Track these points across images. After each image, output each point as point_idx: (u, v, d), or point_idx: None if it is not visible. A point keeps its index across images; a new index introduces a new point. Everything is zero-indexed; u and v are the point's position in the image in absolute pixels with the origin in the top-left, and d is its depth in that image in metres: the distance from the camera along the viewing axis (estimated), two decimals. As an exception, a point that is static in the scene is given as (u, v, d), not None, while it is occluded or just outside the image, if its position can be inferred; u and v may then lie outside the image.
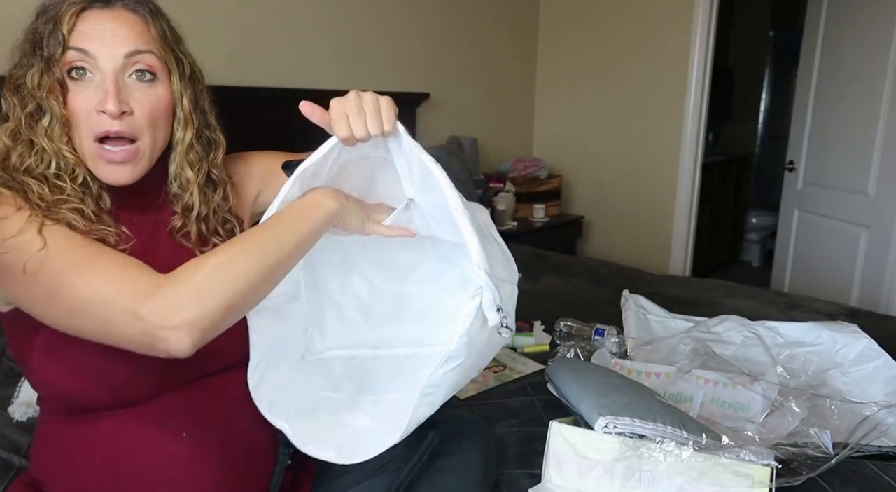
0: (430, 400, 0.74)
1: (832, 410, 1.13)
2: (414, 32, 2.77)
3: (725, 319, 1.46)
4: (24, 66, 0.76)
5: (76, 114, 0.76)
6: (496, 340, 0.79)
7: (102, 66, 0.75)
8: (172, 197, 0.86)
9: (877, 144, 2.41)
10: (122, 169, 0.78)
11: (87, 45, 0.75)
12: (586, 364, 1.30)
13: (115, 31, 0.76)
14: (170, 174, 0.86)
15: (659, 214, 3.20)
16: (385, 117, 0.75)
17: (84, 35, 0.75)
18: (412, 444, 0.82)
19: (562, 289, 2.08)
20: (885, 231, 2.38)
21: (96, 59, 0.75)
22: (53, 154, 0.75)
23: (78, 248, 0.70)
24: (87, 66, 0.75)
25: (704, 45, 2.95)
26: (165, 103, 0.81)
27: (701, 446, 0.91)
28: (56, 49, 0.74)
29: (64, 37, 0.74)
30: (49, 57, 0.74)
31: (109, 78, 0.75)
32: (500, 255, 0.81)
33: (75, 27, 0.74)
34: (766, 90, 4.82)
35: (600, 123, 3.32)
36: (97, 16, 0.76)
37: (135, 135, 0.78)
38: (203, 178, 0.87)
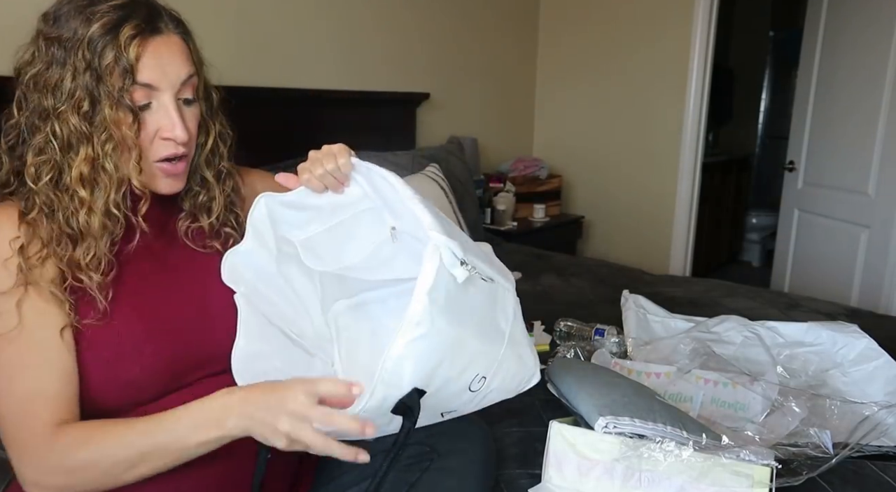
0: (390, 378, 0.64)
1: (832, 410, 1.13)
2: (414, 32, 2.77)
3: (725, 319, 1.46)
4: (77, 87, 0.74)
5: (143, 140, 0.79)
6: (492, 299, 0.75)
7: (164, 99, 0.78)
8: (184, 195, 0.89)
9: (877, 144, 2.41)
10: (178, 180, 0.84)
11: (152, 80, 0.77)
12: (586, 364, 1.29)
13: (171, 61, 0.78)
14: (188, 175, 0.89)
15: (659, 214, 3.20)
16: (337, 153, 0.82)
17: (148, 68, 0.76)
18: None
19: (562, 289, 2.08)
20: (885, 231, 2.38)
21: (159, 90, 0.78)
22: (120, 180, 0.78)
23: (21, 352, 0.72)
24: (149, 97, 0.78)
25: (704, 45, 2.95)
26: (199, 116, 0.86)
27: (701, 446, 0.91)
28: (126, 80, 0.74)
29: (131, 67, 0.74)
30: (121, 89, 0.75)
31: (171, 106, 0.79)
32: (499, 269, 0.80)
33: (140, 57, 0.75)
34: (766, 90, 4.82)
35: (600, 123, 3.32)
36: (156, 46, 0.77)
37: (190, 151, 0.84)
38: (216, 175, 0.91)
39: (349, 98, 2.45)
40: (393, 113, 2.66)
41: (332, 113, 2.37)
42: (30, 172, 0.75)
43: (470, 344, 0.71)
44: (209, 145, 0.89)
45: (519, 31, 3.36)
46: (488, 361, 0.75)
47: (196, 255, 0.88)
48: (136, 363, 0.76)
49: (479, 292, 0.73)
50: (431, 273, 0.65)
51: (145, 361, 0.77)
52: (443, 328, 0.66)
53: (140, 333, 0.78)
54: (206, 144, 0.88)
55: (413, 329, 0.64)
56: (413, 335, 0.64)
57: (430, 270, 0.65)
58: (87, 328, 0.76)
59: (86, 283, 0.75)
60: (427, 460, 0.86)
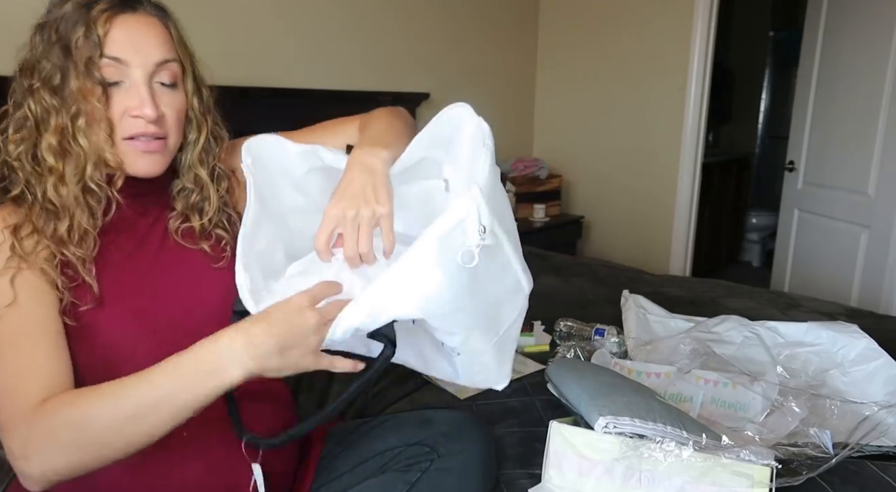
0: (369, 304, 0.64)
1: (832, 410, 1.13)
2: (414, 32, 2.77)
3: (725, 319, 1.46)
4: (53, 68, 0.76)
5: (113, 116, 0.78)
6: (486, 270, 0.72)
7: (134, 75, 0.78)
8: (176, 194, 0.89)
9: (877, 144, 2.41)
10: (154, 158, 0.82)
11: (121, 54, 0.77)
12: (586, 364, 1.29)
13: (145, 40, 0.79)
14: (180, 171, 0.89)
15: (659, 214, 3.20)
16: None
17: (117, 43, 0.77)
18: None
19: (562, 289, 2.08)
20: (885, 231, 2.38)
21: (129, 66, 0.78)
22: (95, 155, 0.77)
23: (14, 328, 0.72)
24: (121, 76, 0.78)
25: (704, 45, 2.95)
26: (184, 104, 0.85)
27: (701, 446, 0.91)
28: (94, 53, 0.75)
29: (100, 41, 0.75)
30: (87, 60, 0.75)
31: (143, 86, 0.78)
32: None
33: (109, 33, 0.76)
34: (766, 90, 4.82)
35: (600, 124, 3.32)
36: (129, 22, 0.78)
37: (165, 134, 0.82)
38: (210, 173, 0.90)
39: (349, 98, 2.45)
40: (393, 113, 2.66)
41: (332, 113, 2.36)
42: (9, 150, 0.77)
43: (463, 315, 0.71)
44: (201, 142, 0.88)
45: (519, 31, 3.36)
46: (473, 341, 0.74)
47: (187, 254, 0.88)
48: (133, 366, 0.76)
49: (496, 277, 0.73)
50: (452, 223, 0.64)
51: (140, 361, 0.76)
52: (441, 281, 0.65)
53: (133, 334, 0.79)
54: (199, 141, 0.88)
55: (412, 265, 0.63)
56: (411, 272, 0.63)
57: (453, 219, 0.64)
58: (81, 327, 0.76)
59: (69, 258, 0.76)
60: (427, 460, 0.86)
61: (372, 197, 0.75)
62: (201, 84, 0.88)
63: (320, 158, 0.88)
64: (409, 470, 0.86)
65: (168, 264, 0.86)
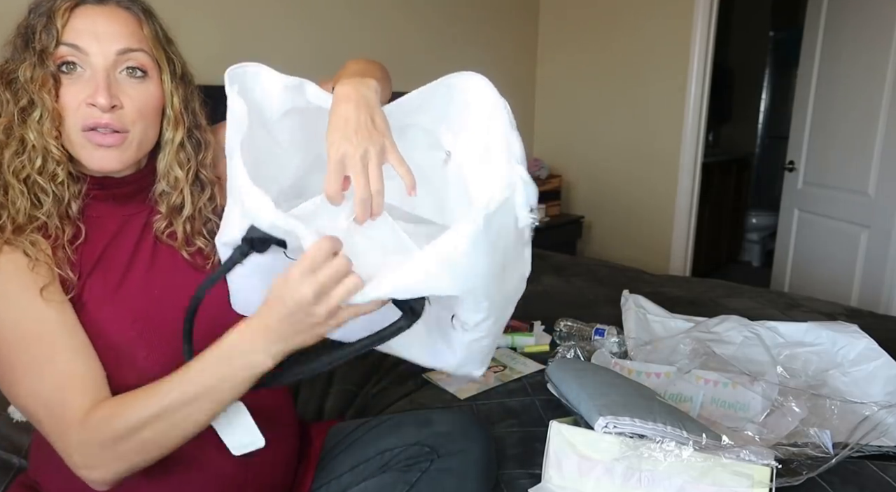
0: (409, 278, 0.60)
1: (832, 410, 1.13)
2: (413, 32, 2.77)
3: (725, 319, 1.46)
4: (16, 61, 0.76)
5: (66, 107, 0.76)
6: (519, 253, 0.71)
7: (94, 62, 0.76)
8: (158, 197, 0.86)
9: (877, 144, 2.41)
10: (110, 153, 0.78)
11: (79, 41, 0.75)
12: (586, 364, 1.30)
13: (107, 28, 0.77)
14: (158, 173, 0.86)
15: (659, 214, 3.20)
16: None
17: (77, 31, 0.75)
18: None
19: (562, 289, 2.08)
20: (885, 231, 2.39)
21: (88, 54, 0.76)
22: (41, 150, 0.75)
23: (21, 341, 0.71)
24: (78, 61, 0.76)
25: (704, 45, 2.95)
26: (155, 100, 0.81)
27: (701, 446, 0.91)
28: (49, 43, 0.74)
29: (57, 31, 0.75)
30: (42, 50, 0.74)
31: (101, 73, 0.76)
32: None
33: (69, 23, 0.75)
34: (766, 90, 4.82)
35: (600, 123, 3.32)
36: (90, 12, 0.77)
37: (124, 127, 0.78)
38: (192, 177, 0.87)
39: (349, 98, 2.45)
40: (393, 113, 2.66)
41: (332, 113, 2.37)
42: None
43: (495, 293, 0.69)
44: (177, 141, 0.84)
45: (519, 31, 3.36)
46: (489, 322, 0.71)
47: (177, 256, 0.86)
48: (133, 370, 0.76)
49: (518, 264, 0.72)
50: (499, 200, 0.61)
51: (140, 365, 0.76)
52: (486, 260, 0.63)
53: (133, 336, 0.78)
54: (174, 140, 0.84)
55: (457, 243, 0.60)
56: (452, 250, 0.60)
57: (499, 197, 0.61)
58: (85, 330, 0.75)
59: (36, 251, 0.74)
60: (427, 460, 0.86)
61: (375, 131, 0.70)
62: (184, 83, 0.85)
63: (304, 95, 0.80)
64: (409, 470, 0.86)
65: (163, 266, 0.85)
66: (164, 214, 0.86)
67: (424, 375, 1.40)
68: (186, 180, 0.86)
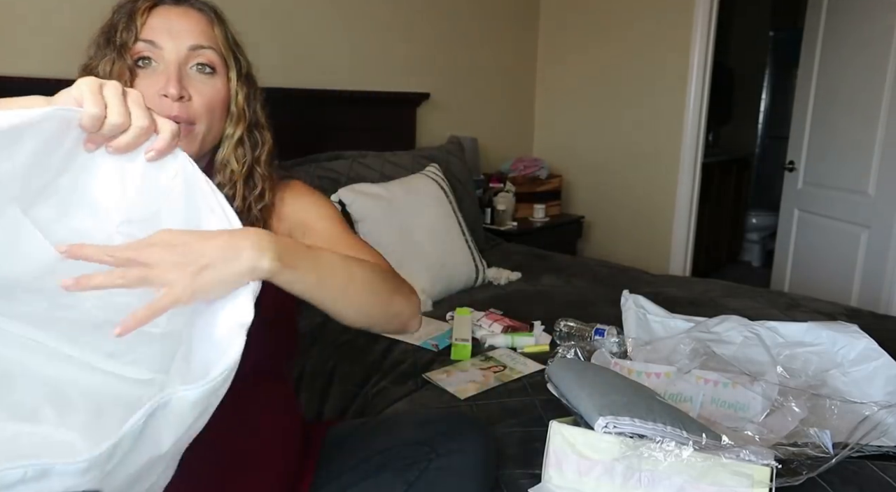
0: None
1: (832, 410, 1.13)
2: (414, 32, 2.77)
3: (725, 319, 1.46)
4: (98, 57, 0.82)
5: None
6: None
7: (167, 56, 0.82)
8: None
9: (877, 144, 2.41)
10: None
11: (155, 37, 0.81)
12: (586, 364, 1.29)
13: (181, 26, 0.83)
14: (215, 166, 0.89)
15: (659, 214, 3.20)
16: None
17: (153, 28, 0.82)
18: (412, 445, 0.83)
19: (562, 289, 2.08)
20: (885, 231, 2.39)
21: (162, 49, 0.81)
22: None
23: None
24: (153, 56, 0.82)
25: (704, 46, 2.95)
26: (222, 97, 0.86)
27: (701, 446, 0.91)
28: (128, 39, 0.81)
29: (136, 29, 0.81)
30: (121, 46, 0.81)
31: (172, 66, 0.81)
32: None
33: (147, 21, 0.82)
34: (766, 90, 4.82)
35: (600, 123, 3.32)
36: (167, 11, 0.84)
37: (192, 119, 0.83)
38: (245, 173, 0.90)
39: (349, 98, 2.45)
40: (393, 113, 2.66)
41: (332, 113, 2.37)
42: None
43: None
44: (236, 136, 0.88)
45: (519, 31, 3.36)
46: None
47: None
48: None
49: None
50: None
51: None
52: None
53: None
54: (234, 135, 0.88)
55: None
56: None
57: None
58: None
59: None
60: (426, 459, 0.86)
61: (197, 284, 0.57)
62: (248, 82, 0.90)
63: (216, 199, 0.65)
64: (408, 469, 0.86)
65: None
66: None
67: (424, 375, 1.41)
68: (240, 175, 0.89)
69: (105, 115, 0.59)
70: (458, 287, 2.05)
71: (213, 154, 0.90)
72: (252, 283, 0.60)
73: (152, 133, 0.63)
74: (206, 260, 0.58)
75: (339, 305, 0.73)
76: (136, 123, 0.61)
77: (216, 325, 0.58)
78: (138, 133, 0.61)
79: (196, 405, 0.52)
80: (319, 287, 0.68)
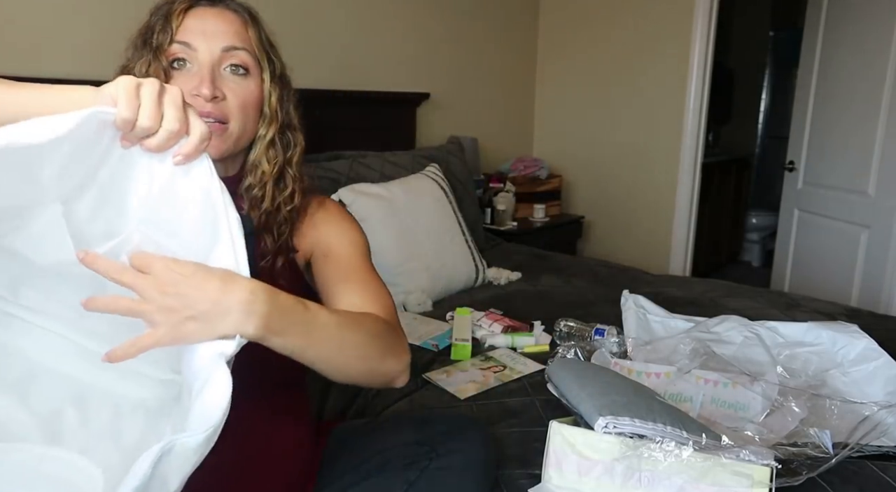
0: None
1: (832, 410, 1.13)
2: (414, 32, 2.77)
3: (725, 319, 1.46)
4: (135, 58, 0.83)
5: None
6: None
7: (201, 58, 0.82)
8: (244, 191, 0.89)
9: (877, 144, 2.41)
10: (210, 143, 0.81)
11: (190, 39, 0.82)
12: (586, 364, 1.29)
13: (216, 27, 0.83)
14: (247, 167, 0.89)
15: (659, 214, 3.20)
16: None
17: (188, 30, 0.82)
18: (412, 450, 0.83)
19: (562, 289, 2.08)
20: (885, 231, 2.38)
21: (197, 51, 0.82)
22: None
23: None
24: (187, 58, 0.82)
25: (704, 46, 2.95)
26: (255, 97, 0.86)
27: (701, 446, 0.91)
28: (164, 41, 0.82)
29: (172, 30, 0.82)
30: (157, 47, 0.81)
31: (206, 67, 0.82)
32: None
33: (182, 23, 0.83)
34: (766, 90, 4.82)
35: (600, 123, 3.32)
36: (202, 13, 0.84)
37: (225, 117, 0.83)
38: (276, 174, 0.90)
39: (349, 98, 2.45)
40: (393, 113, 2.66)
41: (332, 113, 2.37)
42: None
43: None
44: (269, 137, 0.88)
45: (519, 31, 3.36)
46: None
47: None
48: None
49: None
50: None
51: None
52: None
53: None
54: (267, 136, 0.88)
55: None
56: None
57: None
58: None
59: None
60: (426, 459, 0.86)
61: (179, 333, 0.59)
62: (282, 83, 0.90)
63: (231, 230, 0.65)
64: (408, 469, 0.86)
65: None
66: (246, 209, 0.88)
67: (424, 375, 1.41)
68: (271, 176, 0.89)
69: (136, 117, 0.59)
70: (458, 287, 2.05)
71: (246, 154, 0.90)
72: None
73: (182, 136, 0.62)
74: (193, 312, 0.58)
75: (323, 368, 0.72)
76: (166, 127, 0.60)
77: (196, 352, 0.60)
78: (167, 137, 0.61)
79: (198, 449, 0.55)
80: (306, 351, 0.68)
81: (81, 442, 0.68)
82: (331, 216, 0.98)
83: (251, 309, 0.60)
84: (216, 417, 0.55)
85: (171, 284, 0.58)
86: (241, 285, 0.61)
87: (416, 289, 1.88)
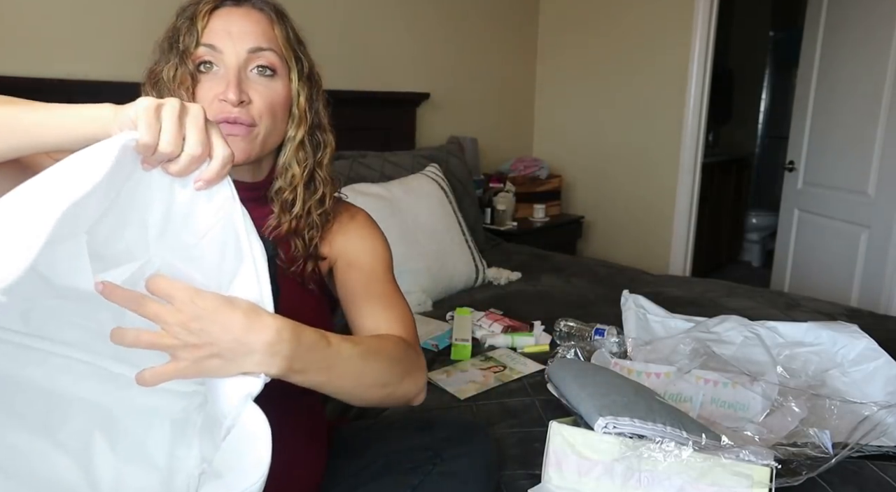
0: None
1: (832, 410, 1.13)
2: (414, 32, 2.77)
3: (725, 319, 1.46)
4: (162, 62, 0.82)
5: (201, 102, 0.79)
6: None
7: (227, 60, 0.81)
8: (274, 195, 0.88)
9: (877, 144, 2.41)
10: (236, 143, 0.79)
11: (215, 41, 0.80)
12: (586, 364, 1.30)
13: (241, 28, 0.81)
14: (277, 170, 0.88)
15: (659, 214, 3.20)
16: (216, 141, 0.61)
17: (214, 31, 0.81)
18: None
19: (562, 289, 2.08)
20: (885, 231, 2.38)
21: (222, 53, 0.81)
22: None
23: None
24: (213, 60, 0.81)
25: (704, 46, 2.95)
26: (283, 98, 0.85)
27: (701, 446, 0.91)
28: (190, 44, 0.80)
29: (198, 33, 0.80)
30: (183, 51, 0.80)
31: (232, 71, 0.80)
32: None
33: (208, 24, 0.81)
34: (766, 90, 4.82)
35: (600, 123, 3.32)
36: (227, 13, 0.82)
37: (252, 120, 0.81)
38: (307, 176, 0.88)
39: (349, 98, 2.45)
40: (393, 113, 2.66)
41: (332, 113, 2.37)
42: None
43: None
44: (298, 138, 0.87)
45: (519, 32, 3.36)
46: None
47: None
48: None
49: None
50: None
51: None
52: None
53: None
54: (296, 138, 0.87)
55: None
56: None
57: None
58: None
59: None
60: (430, 464, 0.86)
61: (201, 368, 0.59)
62: (310, 82, 0.89)
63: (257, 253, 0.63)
64: (411, 473, 0.86)
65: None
66: (277, 213, 0.87)
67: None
68: (301, 178, 0.88)
69: (157, 142, 0.57)
70: (458, 287, 2.05)
71: (274, 157, 0.89)
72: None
73: (205, 160, 0.60)
74: (216, 349, 0.57)
75: (342, 397, 0.72)
76: (188, 151, 0.58)
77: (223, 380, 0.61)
78: (188, 162, 0.59)
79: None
80: (325, 386, 0.68)
81: (113, 468, 0.68)
82: (360, 228, 0.96)
83: (275, 350, 0.59)
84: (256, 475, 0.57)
85: (194, 318, 0.57)
86: (266, 324, 0.59)
87: (416, 289, 1.88)
